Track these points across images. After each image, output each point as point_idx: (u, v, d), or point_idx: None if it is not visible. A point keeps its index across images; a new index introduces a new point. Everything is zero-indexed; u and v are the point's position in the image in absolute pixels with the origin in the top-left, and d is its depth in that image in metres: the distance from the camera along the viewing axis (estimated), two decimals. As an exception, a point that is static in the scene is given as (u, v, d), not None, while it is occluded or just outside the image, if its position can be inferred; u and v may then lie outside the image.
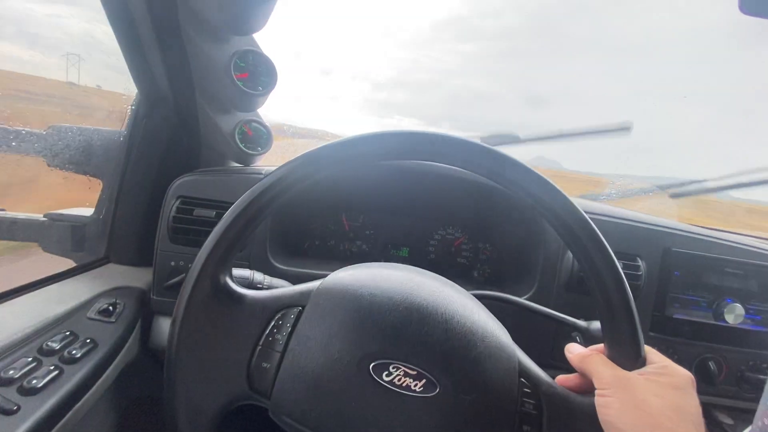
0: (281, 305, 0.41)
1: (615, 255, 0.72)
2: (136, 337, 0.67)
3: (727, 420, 0.73)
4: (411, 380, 0.37)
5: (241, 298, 0.41)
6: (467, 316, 0.40)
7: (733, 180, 0.94)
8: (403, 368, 0.37)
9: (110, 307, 0.64)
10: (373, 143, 0.39)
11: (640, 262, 0.71)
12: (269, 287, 0.54)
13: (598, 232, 0.36)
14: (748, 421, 0.42)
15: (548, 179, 0.38)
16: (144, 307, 0.70)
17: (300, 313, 0.40)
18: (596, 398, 0.35)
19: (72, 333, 0.57)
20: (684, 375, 0.35)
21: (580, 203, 0.82)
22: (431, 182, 0.79)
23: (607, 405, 0.34)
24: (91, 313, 0.62)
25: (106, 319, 0.63)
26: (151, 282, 0.71)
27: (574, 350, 0.41)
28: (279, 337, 0.39)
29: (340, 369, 0.37)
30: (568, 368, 0.41)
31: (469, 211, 0.85)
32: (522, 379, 0.39)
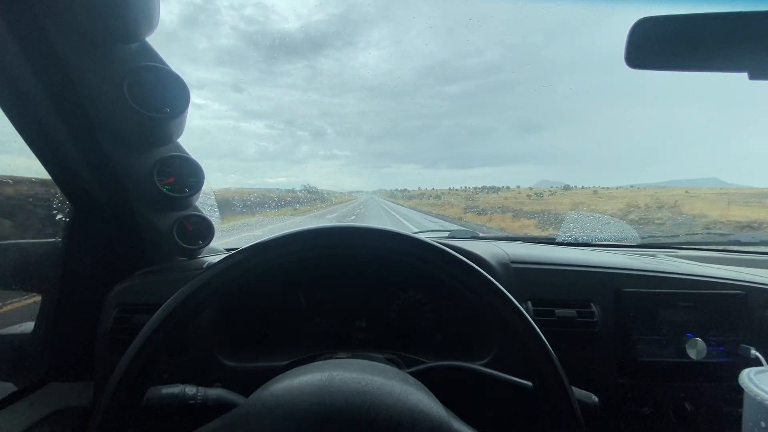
0: None
1: (569, 303, 0.71)
2: None
3: (717, 462, 0.69)
4: None
5: None
6: (395, 405, 0.38)
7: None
8: None
9: (46, 438, 0.59)
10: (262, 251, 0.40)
11: (594, 308, 0.70)
12: (204, 401, 0.51)
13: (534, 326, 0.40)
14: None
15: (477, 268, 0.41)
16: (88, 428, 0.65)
17: None
18: None
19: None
20: None
21: (532, 253, 0.82)
22: None
23: None
24: None
25: None
26: (93, 399, 0.67)
27: None
28: None
29: None
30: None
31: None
32: None
